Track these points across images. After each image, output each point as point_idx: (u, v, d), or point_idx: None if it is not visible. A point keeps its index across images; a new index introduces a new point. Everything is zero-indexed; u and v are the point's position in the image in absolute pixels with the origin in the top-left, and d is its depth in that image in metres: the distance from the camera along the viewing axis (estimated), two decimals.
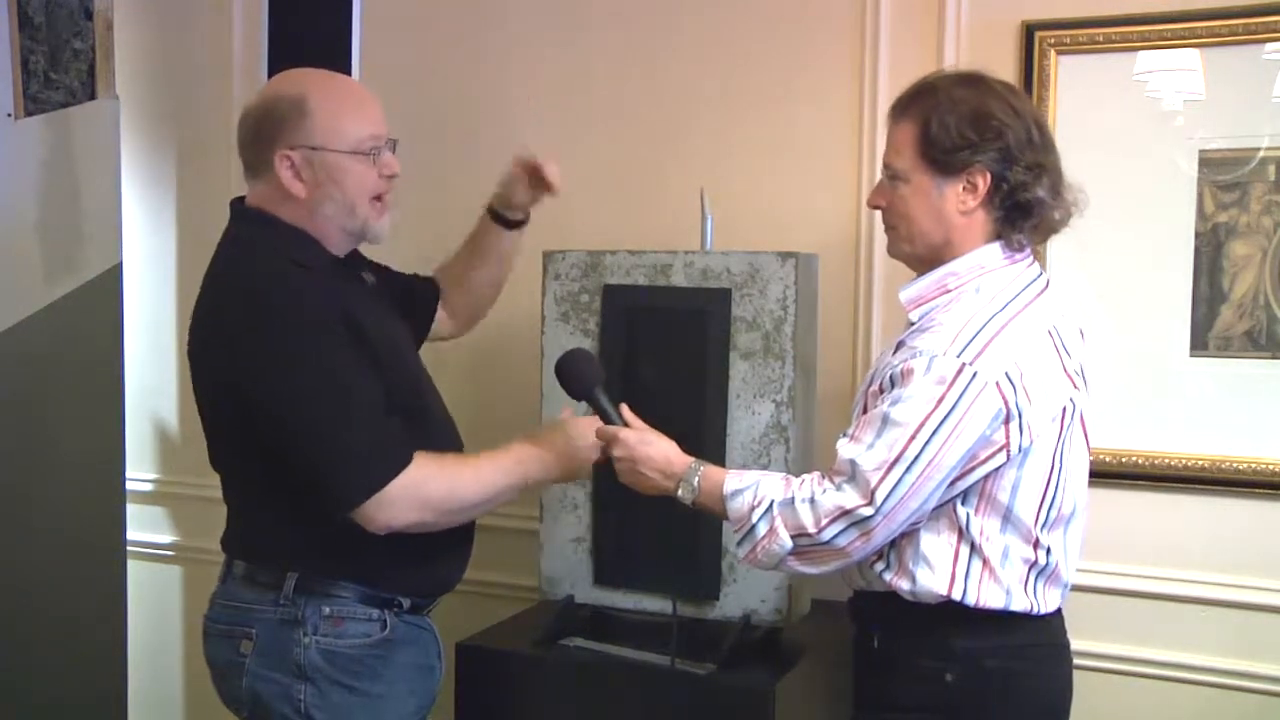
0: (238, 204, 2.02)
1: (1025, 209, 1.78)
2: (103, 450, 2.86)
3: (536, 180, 2.20)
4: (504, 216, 2.27)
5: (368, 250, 2.10)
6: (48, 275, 2.75)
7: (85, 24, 2.77)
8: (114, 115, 2.84)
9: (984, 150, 1.75)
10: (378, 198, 1.97)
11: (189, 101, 3.12)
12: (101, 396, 2.85)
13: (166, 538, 3.22)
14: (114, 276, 2.84)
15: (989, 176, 1.77)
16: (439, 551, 2.00)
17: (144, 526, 3.17)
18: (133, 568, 2.98)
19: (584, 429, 1.96)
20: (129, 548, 2.96)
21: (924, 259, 1.84)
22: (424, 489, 1.87)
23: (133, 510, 2.98)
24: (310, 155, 1.91)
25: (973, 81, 1.81)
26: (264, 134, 1.93)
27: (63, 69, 2.74)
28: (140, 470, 3.18)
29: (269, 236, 1.94)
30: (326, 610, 1.93)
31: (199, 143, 3.11)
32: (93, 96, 2.79)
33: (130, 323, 2.94)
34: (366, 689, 1.95)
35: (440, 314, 2.31)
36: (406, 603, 2.00)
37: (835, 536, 1.71)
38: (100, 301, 2.81)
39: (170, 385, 3.19)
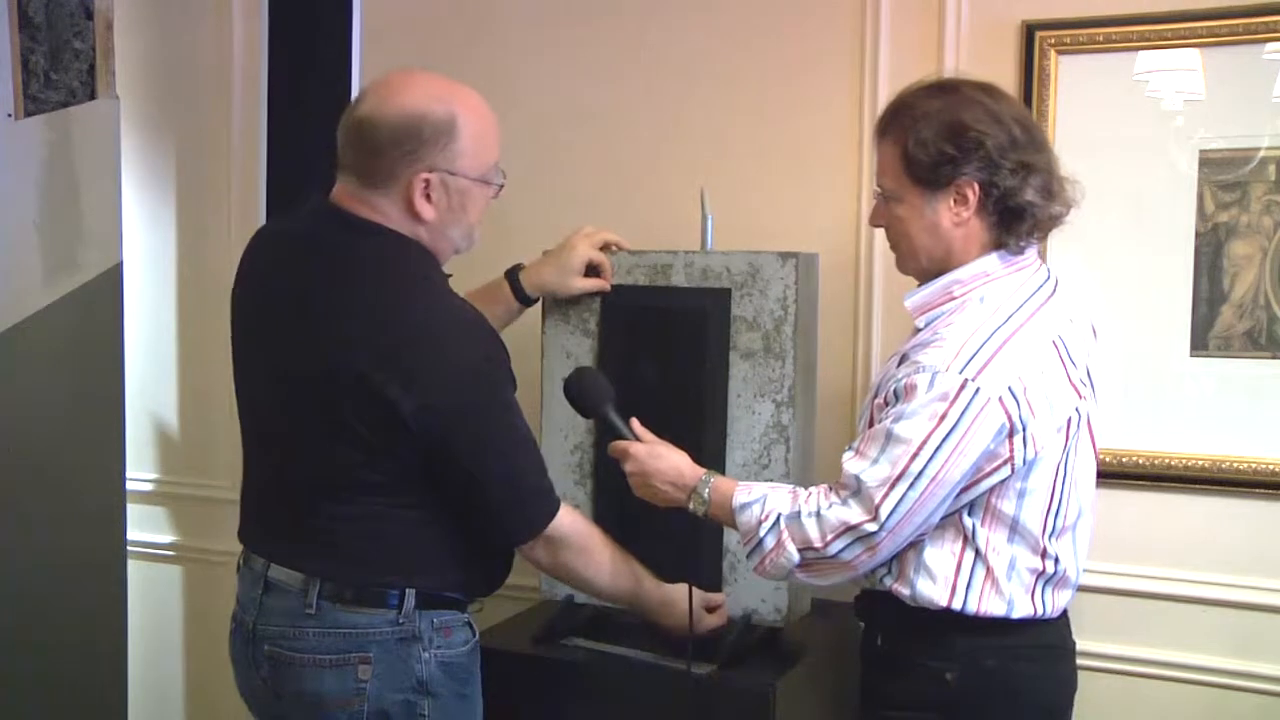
0: (339, 211, 1.88)
1: (1018, 213, 1.78)
2: (103, 450, 2.85)
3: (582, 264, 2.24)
4: (523, 291, 2.25)
5: None
6: (48, 275, 2.74)
7: (85, 24, 2.77)
8: (114, 115, 2.84)
9: (966, 161, 1.75)
10: None
11: (189, 101, 3.12)
12: (101, 396, 2.85)
13: (166, 538, 3.22)
14: (114, 276, 2.84)
15: (977, 186, 1.76)
16: (504, 549, 2.03)
17: (144, 526, 3.17)
18: (133, 568, 2.97)
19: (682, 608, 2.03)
20: (129, 548, 2.95)
21: (931, 273, 1.84)
22: (581, 533, 1.98)
23: (133, 510, 2.98)
24: (447, 179, 1.85)
25: (945, 91, 1.81)
26: (402, 149, 1.82)
27: (63, 69, 2.73)
28: (140, 470, 3.18)
29: (418, 258, 1.88)
30: (437, 621, 1.90)
31: (199, 143, 3.11)
32: (93, 96, 2.79)
33: (130, 323, 2.94)
34: (469, 693, 1.96)
35: None
36: (481, 604, 2.03)
37: (841, 551, 1.72)
38: (100, 301, 2.81)
39: (170, 385, 3.19)
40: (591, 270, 2.25)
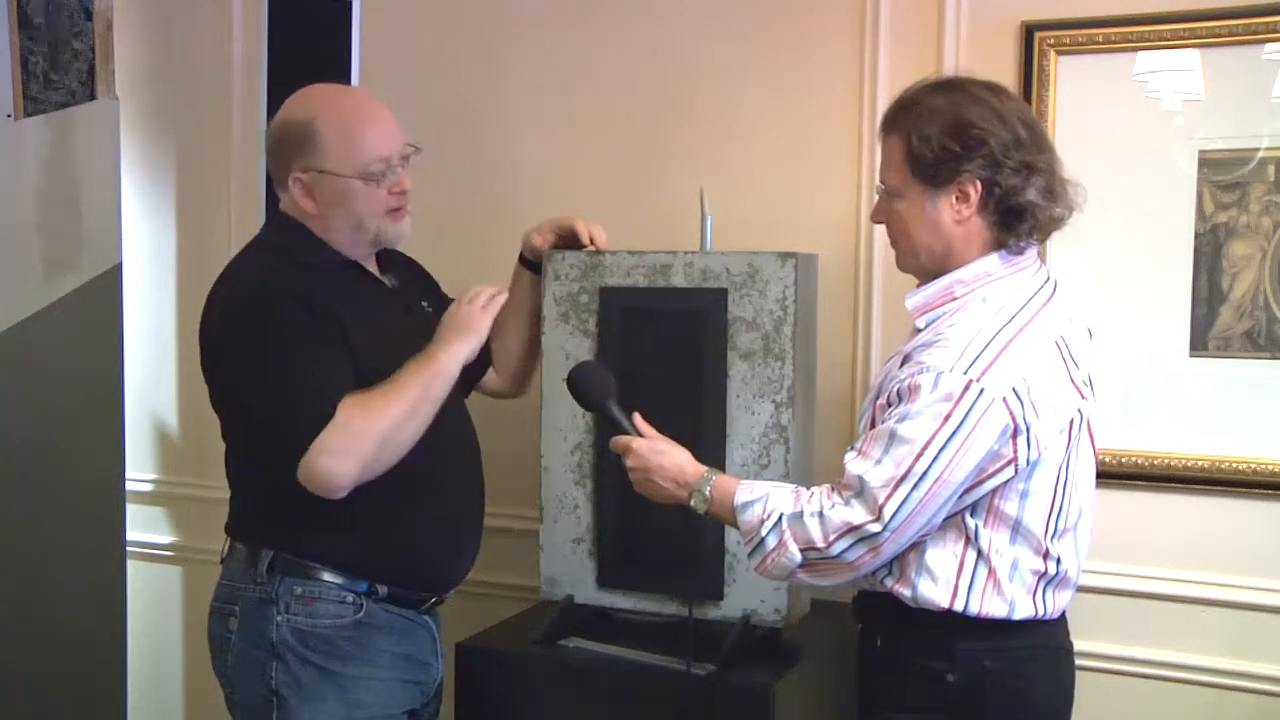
0: (271, 207, 2.18)
1: (1019, 212, 1.77)
2: (103, 450, 2.86)
3: (570, 240, 2.29)
4: (528, 259, 2.34)
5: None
6: (48, 275, 2.75)
7: (85, 24, 2.77)
8: (114, 115, 2.84)
9: (969, 159, 1.75)
10: (395, 209, 2.05)
11: (189, 101, 3.11)
12: (101, 396, 2.85)
13: (166, 538, 3.22)
14: (114, 276, 2.84)
15: (979, 184, 1.76)
16: (417, 542, 2.04)
17: (144, 526, 3.17)
18: (133, 568, 2.98)
19: (464, 303, 2.05)
20: (129, 548, 2.96)
21: (930, 271, 1.83)
22: (349, 428, 1.89)
23: (133, 510, 2.98)
24: (319, 178, 2.00)
25: (951, 88, 1.80)
26: (279, 154, 2.04)
27: (62, 69, 2.74)
28: (140, 470, 3.18)
29: (277, 236, 2.07)
30: (298, 590, 1.98)
31: (199, 143, 3.11)
32: (93, 97, 2.79)
33: (130, 323, 2.94)
34: (338, 670, 1.99)
35: (491, 370, 2.35)
36: (383, 590, 2.02)
37: (844, 551, 1.71)
38: (100, 301, 2.81)
39: (170, 385, 3.19)
40: (574, 239, 2.28)
